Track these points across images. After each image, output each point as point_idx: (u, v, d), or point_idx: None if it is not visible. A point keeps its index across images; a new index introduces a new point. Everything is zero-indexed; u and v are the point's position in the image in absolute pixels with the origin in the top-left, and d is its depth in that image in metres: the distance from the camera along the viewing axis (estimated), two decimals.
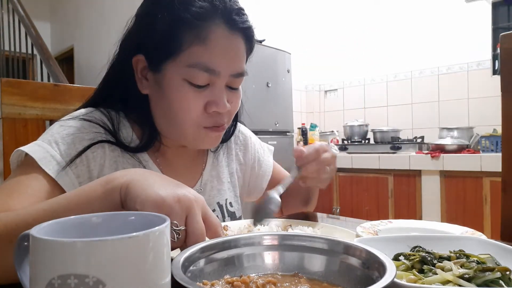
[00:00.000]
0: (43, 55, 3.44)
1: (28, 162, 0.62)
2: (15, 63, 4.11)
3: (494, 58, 2.90)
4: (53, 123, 0.71)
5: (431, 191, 2.57)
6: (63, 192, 0.62)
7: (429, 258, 0.46)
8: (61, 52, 5.36)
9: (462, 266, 0.43)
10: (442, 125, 3.04)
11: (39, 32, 3.63)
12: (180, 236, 0.44)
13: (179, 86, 0.66)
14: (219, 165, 0.87)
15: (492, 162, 2.32)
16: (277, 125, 2.99)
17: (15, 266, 0.34)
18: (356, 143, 3.20)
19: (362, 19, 3.65)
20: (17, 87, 0.88)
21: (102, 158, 0.69)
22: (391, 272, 0.35)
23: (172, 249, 0.43)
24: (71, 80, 4.71)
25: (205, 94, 0.67)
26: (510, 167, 0.88)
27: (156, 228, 0.30)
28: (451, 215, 2.48)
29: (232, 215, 0.85)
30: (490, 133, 2.64)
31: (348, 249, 0.43)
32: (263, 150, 0.98)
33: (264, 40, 2.93)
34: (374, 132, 3.16)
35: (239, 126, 0.93)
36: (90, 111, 0.72)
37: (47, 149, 0.63)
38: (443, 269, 0.43)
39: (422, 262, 0.46)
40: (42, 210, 0.48)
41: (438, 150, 2.61)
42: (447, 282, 0.41)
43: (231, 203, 0.87)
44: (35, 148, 0.63)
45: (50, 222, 0.33)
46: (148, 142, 0.73)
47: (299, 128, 3.64)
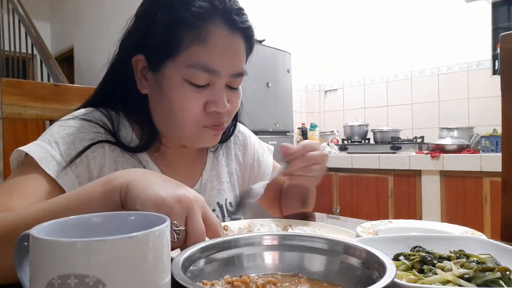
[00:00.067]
0: (43, 55, 3.44)
1: (28, 162, 0.62)
2: (15, 63, 4.11)
3: (494, 58, 2.90)
4: (53, 123, 0.71)
5: (431, 191, 2.57)
6: (63, 192, 0.62)
7: (429, 258, 0.46)
8: (61, 52, 5.36)
9: (462, 266, 0.43)
10: (442, 125, 3.04)
11: (39, 32, 3.63)
12: (180, 236, 0.44)
13: (179, 86, 0.66)
14: (219, 165, 0.87)
15: (492, 162, 2.31)
16: (277, 125, 2.99)
17: (15, 266, 0.34)
18: (356, 143, 3.20)
19: (362, 19, 3.65)
20: (17, 87, 0.88)
21: (102, 158, 0.69)
22: (391, 272, 0.35)
23: (172, 249, 0.43)
24: (71, 80, 4.72)
25: (205, 94, 0.67)
26: (510, 167, 0.88)
27: (156, 228, 0.30)
28: (451, 215, 2.48)
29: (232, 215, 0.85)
30: (490, 133, 2.63)
31: (348, 249, 0.43)
32: (262, 150, 0.98)
33: (264, 40, 2.93)
34: (374, 132, 3.16)
35: (239, 126, 0.93)
36: (90, 111, 0.72)
37: (47, 149, 0.63)
38: (443, 269, 0.43)
39: (422, 262, 0.46)
40: (42, 210, 0.48)
41: (438, 150, 2.61)
42: (447, 282, 0.41)
43: (230, 203, 0.87)
44: (35, 148, 0.63)
45: (50, 222, 0.33)
46: (148, 142, 0.73)
47: (299, 128, 3.64)
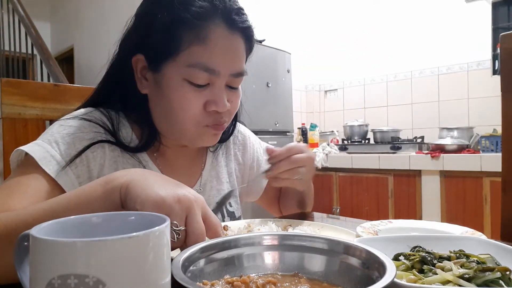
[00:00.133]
0: (43, 55, 3.44)
1: (28, 162, 0.62)
2: (15, 63, 4.11)
3: (494, 58, 2.90)
4: (53, 123, 0.71)
5: (431, 191, 2.57)
6: (63, 192, 0.62)
7: (429, 258, 0.46)
8: (61, 52, 5.36)
9: (462, 266, 0.43)
10: (442, 125, 3.04)
11: (39, 32, 3.63)
12: (180, 236, 0.44)
13: (179, 85, 0.66)
14: (218, 165, 0.87)
15: (492, 162, 2.31)
16: (277, 125, 2.99)
17: (15, 266, 0.34)
18: (356, 143, 3.20)
19: (362, 19, 3.64)
20: (17, 87, 0.88)
21: (102, 158, 0.69)
22: (391, 272, 0.35)
23: (172, 249, 0.43)
24: (71, 80, 4.72)
25: (205, 93, 0.67)
26: (510, 167, 0.88)
27: (156, 228, 0.30)
28: (451, 215, 2.48)
29: (232, 215, 0.85)
30: (490, 133, 2.63)
31: (348, 249, 0.43)
32: (262, 150, 0.98)
33: (264, 40, 2.93)
34: (374, 132, 3.16)
35: (238, 126, 0.93)
36: (89, 111, 0.72)
37: (47, 148, 0.63)
38: (443, 269, 0.43)
39: (422, 262, 0.46)
40: (42, 210, 0.48)
41: (438, 150, 2.61)
42: (447, 282, 0.41)
43: (230, 203, 0.86)
44: (35, 148, 0.63)
45: (50, 222, 0.33)
46: (147, 142, 0.73)
47: (299, 128, 3.64)
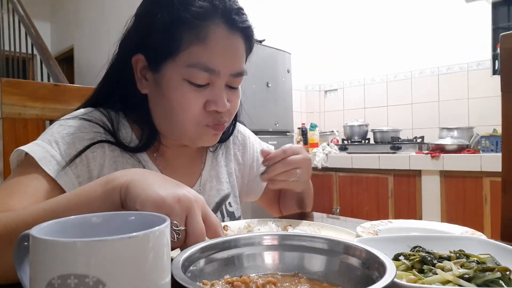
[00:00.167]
0: (43, 55, 3.44)
1: (28, 162, 0.62)
2: (15, 63, 4.11)
3: (494, 58, 2.90)
4: (53, 123, 0.71)
5: (431, 191, 2.57)
6: (63, 192, 0.62)
7: (429, 258, 0.46)
8: (61, 52, 5.36)
9: (462, 266, 0.43)
10: (442, 125, 3.04)
11: (39, 32, 3.63)
12: (180, 236, 0.44)
13: (179, 85, 0.66)
14: (218, 165, 0.87)
15: (492, 162, 2.31)
16: (277, 125, 2.99)
17: (15, 266, 0.34)
18: (356, 143, 3.20)
19: (362, 19, 3.64)
20: (17, 87, 0.88)
21: (102, 158, 0.69)
22: (391, 272, 0.35)
23: (172, 249, 0.43)
24: (71, 80, 4.72)
25: (204, 93, 0.67)
26: (510, 167, 0.88)
27: (156, 228, 0.30)
28: (451, 215, 2.48)
29: (231, 215, 0.85)
30: (490, 133, 2.63)
31: (348, 249, 0.43)
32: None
33: (264, 40, 2.93)
34: (374, 132, 3.16)
35: (238, 126, 0.93)
36: (89, 111, 0.72)
37: (47, 148, 0.63)
38: (443, 269, 0.43)
39: (422, 262, 0.46)
40: (42, 210, 0.48)
41: (438, 150, 2.61)
42: (447, 282, 0.41)
43: (230, 203, 0.86)
44: (35, 148, 0.63)
45: (50, 222, 0.33)
46: (147, 142, 0.73)
47: (299, 128, 3.64)
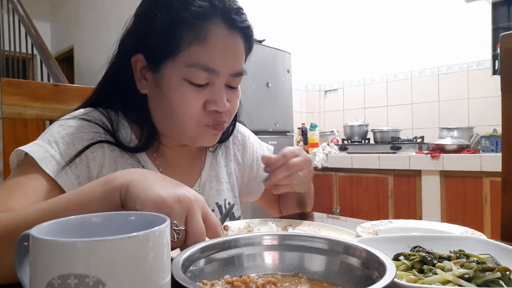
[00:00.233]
0: (43, 55, 3.44)
1: (27, 162, 0.62)
2: (15, 63, 4.11)
3: (494, 58, 2.90)
4: (53, 123, 0.71)
5: (431, 191, 2.57)
6: (62, 192, 0.62)
7: (429, 258, 0.46)
8: (61, 52, 5.36)
9: (462, 266, 0.43)
10: (442, 125, 3.04)
11: (39, 32, 3.63)
12: (180, 236, 0.44)
13: (179, 85, 0.66)
14: (218, 165, 0.87)
15: (492, 162, 2.31)
16: (277, 125, 2.99)
17: (15, 266, 0.34)
18: (356, 143, 3.20)
19: (362, 19, 3.64)
20: (17, 87, 0.88)
21: (101, 158, 0.69)
22: (391, 272, 0.35)
23: (172, 249, 0.43)
24: (71, 80, 4.72)
25: (204, 93, 0.67)
26: (510, 167, 0.88)
27: (156, 228, 0.30)
28: (451, 215, 2.48)
29: (231, 215, 0.85)
30: (490, 133, 2.63)
31: (348, 249, 0.43)
32: (262, 150, 0.98)
33: (264, 40, 2.93)
34: (374, 132, 3.16)
35: (238, 126, 0.92)
36: (89, 111, 0.72)
37: (46, 149, 0.63)
38: (443, 269, 0.43)
39: (422, 262, 0.46)
40: (42, 210, 0.48)
41: (438, 150, 2.61)
42: (447, 282, 0.41)
43: (230, 203, 0.86)
44: (34, 148, 0.63)
45: (50, 222, 0.33)
46: (147, 142, 0.73)
47: (299, 128, 3.64)
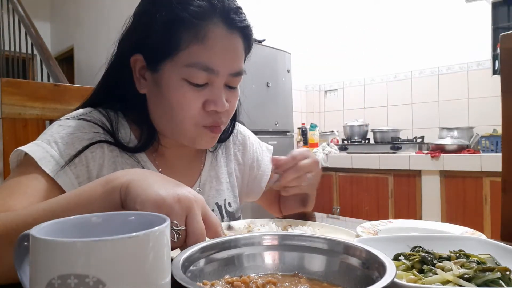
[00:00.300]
0: (43, 55, 3.43)
1: (27, 162, 0.62)
2: (15, 63, 4.10)
3: (494, 58, 2.90)
4: (53, 123, 0.71)
5: (431, 191, 2.57)
6: (62, 192, 0.62)
7: (429, 258, 0.46)
8: (61, 52, 5.36)
9: (462, 266, 0.43)
10: (442, 125, 3.04)
11: (39, 32, 3.63)
12: (180, 236, 0.44)
13: (178, 85, 0.66)
14: (218, 165, 0.87)
15: (492, 162, 2.31)
16: (277, 125, 2.99)
17: (15, 266, 0.34)
18: (356, 143, 3.20)
19: (362, 19, 3.64)
20: (17, 87, 0.88)
21: (101, 158, 0.69)
22: (391, 272, 0.35)
23: (172, 249, 0.43)
24: (71, 80, 4.71)
25: (203, 93, 0.67)
26: (510, 167, 0.88)
27: (156, 228, 0.30)
28: (451, 215, 2.48)
29: (231, 215, 0.85)
30: (490, 133, 2.63)
31: (348, 249, 0.43)
32: (262, 150, 0.98)
33: (264, 40, 2.93)
34: (374, 132, 3.16)
35: (238, 126, 0.92)
36: (88, 111, 0.72)
37: (46, 149, 0.63)
38: (443, 269, 0.43)
39: (422, 262, 0.46)
40: (42, 210, 0.48)
41: (438, 150, 2.61)
42: (447, 282, 0.41)
43: (230, 203, 0.86)
44: (34, 148, 0.63)
45: (50, 222, 0.33)
46: (146, 142, 0.73)
47: (299, 128, 3.64)
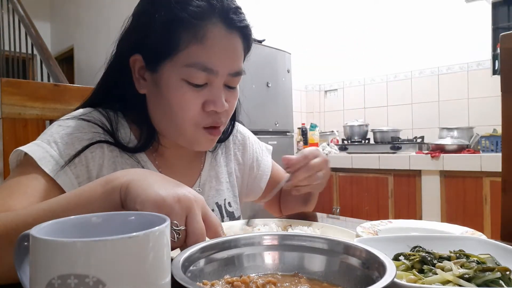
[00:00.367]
0: (43, 55, 3.43)
1: (27, 162, 0.62)
2: (15, 63, 4.10)
3: (494, 58, 2.90)
4: (53, 123, 0.71)
5: (431, 191, 2.57)
6: (62, 192, 0.62)
7: (429, 258, 0.46)
8: (61, 52, 5.36)
9: (462, 266, 0.43)
10: (442, 125, 3.04)
11: (39, 32, 3.63)
12: (180, 236, 0.44)
13: (177, 85, 0.66)
14: (218, 165, 0.87)
15: (492, 162, 2.31)
16: (277, 125, 2.99)
17: (15, 266, 0.34)
18: (356, 143, 3.20)
19: (362, 19, 3.64)
20: (17, 87, 0.88)
21: (101, 158, 0.69)
22: (391, 272, 0.35)
23: (172, 249, 0.43)
24: (71, 80, 4.71)
25: (203, 93, 0.67)
26: (510, 167, 0.88)
27: (156, 228, 0.30)
28: (451, 215, 2.48)
29: (231, 215, 0.85)
30: (490, 133, 2.63)
31: (348, 249, 0.43)
32: (261, 150, 0.98)
33: (264, 40, 2.93)
34: (374, 132, 3.16)
35: (238, 125, 0.92)
36: (88, 111, 0.72)
37: (46, 149, 0.63)
38: (443, 269, 0.43)
39: (422, 262, 0.46)
40: (42, 210, 0.48)
41: (438, 150, 2.61)
42: (447, 282, 0.41)
43: (229, 203, 0.86)
44: (34, 148, 0.63)
45: (50, 222, 0.33)
46: (146, 143, 0.73)
47: (299, 128, 3.64)
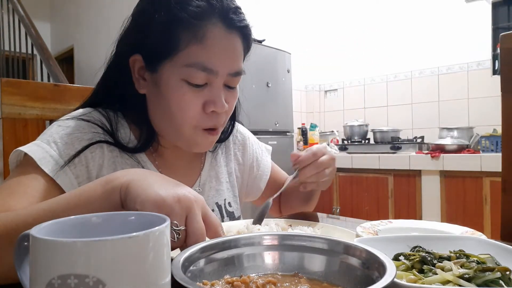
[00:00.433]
0: (43, 55, 3.43)
1: (27, 162, 0.62)
2: (15, 63, 4.10)
3: (494, 58, 2.90)
4: (53, 123, 0.71)
5: (431, 191, 2.57)
6: (62, 192, 0.62)
7: (429, 258, 0.46)
8: (61, 52, 5.36)
9: (462, 266, 0.43)
10: (442, 125, 3.05)
11: (39, 32, 3.63)
12: (180, 236, 0.44)
13: (177, 86, 0.66)
14: (218, 165, 0.87)
15: (492, 162, 2.31)
16: (277, 125, 2.99)
17: (15, 266, 0.34)
18: (356, 143, 3.20)
19: (362, 19, 3.65)
20: (17, 87, 0.88)
21: (100, 158, 0.69)
22: (391, 272, 0.35)
23: (172, 249, 0.43)
24: (71, 80, 4.72)
25: (203, 93, 0.67)
26: (510, 167, 0.88)
27: (156, 228, 0.30)
28: (451, 215, 2.48)
29: (231, 215, 0.85)
30: (490, 133, 2.64)
31: (348, 249, 0.43)
32: (261, 150, 0.98)
33: (264, 40, 2.93)
34: (374, 132, 3.16)
35: (237, 125, 0.92)
36: (88, 111, 0.72)
37: (46, 149, 0.63)
38: (443, 269, 0.43)
39: (422, 262, 0.46)
40: (42, 210, 0.48)
41: (438, 150, 2.61)
42: (447, 282, 0.41)
43: (229, 203, 0.86)
44: (34, 148, 0.63)
45: (50, 222, 0.33)
46: (146, 143, 0.73)
47: (299, 128, 3.64)
